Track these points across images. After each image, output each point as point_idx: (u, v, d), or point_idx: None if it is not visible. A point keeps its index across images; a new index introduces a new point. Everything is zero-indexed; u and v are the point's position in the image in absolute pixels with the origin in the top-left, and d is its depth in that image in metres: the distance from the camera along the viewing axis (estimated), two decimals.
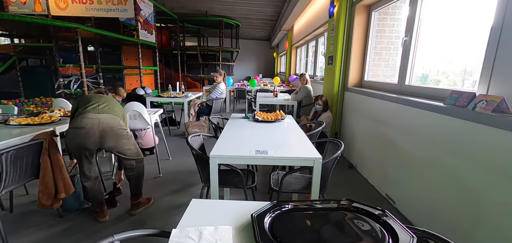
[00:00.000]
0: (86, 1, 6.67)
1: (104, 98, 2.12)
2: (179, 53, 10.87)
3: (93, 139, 1.96)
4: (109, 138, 2.02)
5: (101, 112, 2.01)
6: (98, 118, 1.97)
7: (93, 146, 1.99)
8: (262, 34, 15.15)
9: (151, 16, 7.77)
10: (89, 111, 1.97)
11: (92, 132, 1.93)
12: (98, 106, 2.03)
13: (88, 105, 2.00)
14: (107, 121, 2.00)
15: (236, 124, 2.57)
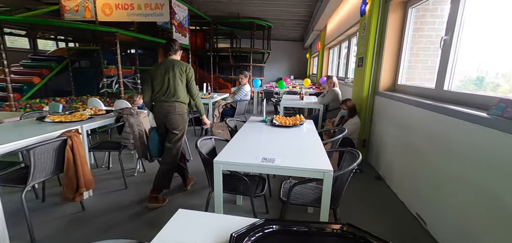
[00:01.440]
0: (128, 7, 7.18)
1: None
2: (211, 54, 11.19)
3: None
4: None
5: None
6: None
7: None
8: (294, 35, 14.89)
9: (185, 19, 8.09)
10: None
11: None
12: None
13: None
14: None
15: (253, 128, 2.51)
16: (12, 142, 1.83)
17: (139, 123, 2.72)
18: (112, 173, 3.17)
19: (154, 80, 2.43)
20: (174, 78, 2.41)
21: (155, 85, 2.43)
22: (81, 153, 2.12)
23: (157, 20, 7.37)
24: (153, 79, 2.44)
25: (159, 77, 2.42)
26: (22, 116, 2.75)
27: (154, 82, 2.43)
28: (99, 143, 2.96)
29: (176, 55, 2.55)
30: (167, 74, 2.40)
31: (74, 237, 1.98)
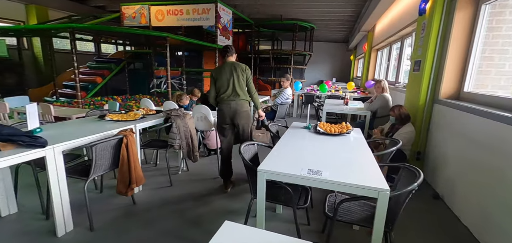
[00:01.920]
0: (178, 13, 7.65)
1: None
2: (252, 56, 11.33)
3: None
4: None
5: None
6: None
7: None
8: (338, 36, 14.28)
9: (229, 22, 8.32)
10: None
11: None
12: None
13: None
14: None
15: (296, 134, 2.42)
16: (79, 138, 2.04)
17: (185, 124, 2.84)
18: (159, 169, 3.37)
19: (217, 81, 2.69)
20: (238, 79, 2.65)
21: (220, 85, 2.68)
22: (134, 151, 2.27)
23: (203, 24, 7.70)
24: (217, 80, 2.70)
25: (224, 78, 2.66)
26: (87, 113, 3.08)
27: (218, 83, 2.68)
28: (149, 141, 3.17)
29: (233, 57, 2.79)
30: (231, 75, 2.65)
31: (125, 229, 2.13)
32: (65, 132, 2.26)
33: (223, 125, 2.78)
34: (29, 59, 9.08)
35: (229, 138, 2.85)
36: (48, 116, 4.25)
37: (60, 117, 4.42)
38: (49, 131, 2.24)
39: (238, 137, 2.83)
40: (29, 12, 8.53)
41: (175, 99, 4.20)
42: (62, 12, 9.19)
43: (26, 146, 1.75)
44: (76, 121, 2.72)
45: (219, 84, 2.69)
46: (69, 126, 2.47)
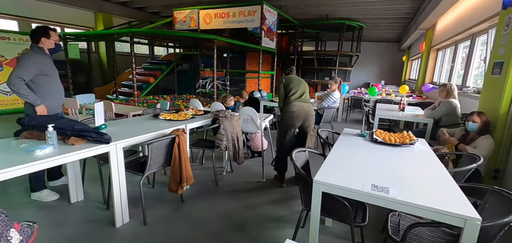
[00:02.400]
0: (225, 16, 7.88)
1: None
2: (295, 57, 11.12)
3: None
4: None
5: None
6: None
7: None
8: (389, 35, 13.24)
9: (274, 24, 8.28)
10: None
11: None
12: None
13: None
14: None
15: (349, 142, 2.23)
16: (137, 136, 2.16)
17: (232, 126, 2.84)
18: (205, 169, 3.45)
19: (290, 84, 2.88)
20: (305, 86, 2.94)
21: (292, 88, 2.86)
22: (185, 150, 2.33)
23: (248, 25, 7.79)
24: (289, 84, 2.89)
25: (296, 82, 2.91)
26: (143, 112, 3.29)
27: (291, 85, 2.87)
28: (196, 141, 3.25)
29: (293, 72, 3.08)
30: (301, 81, 2.94)
31: (174, 226, 2.20)
32: (125, 129, 2.42)
33: (292, 126, 2.90)
34: (96, 61, 10.26)
35: (292, 138, 2.99)
36: (109, 112, 4.70)
37: (119, 114, 4.87)
38: (111, 128, 2.42)
39: (301, 139, 3.01)
40: (97, 19, 9.62)
41: (221, 100, 4.28)
42: (123, 18, 10.19)
43: (94, 142, 1.90)
44: (134, 119, 2.92)
45: (292, 87, 2.86)
46: (128, 124, 2.65)
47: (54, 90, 2.51)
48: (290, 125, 2.90)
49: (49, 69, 2.43)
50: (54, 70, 2.51)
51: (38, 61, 2.35)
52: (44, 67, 2.38)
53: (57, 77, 2.55)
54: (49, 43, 2.45)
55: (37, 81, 2.38)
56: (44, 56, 2.42)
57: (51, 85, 2.47)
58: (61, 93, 2.60)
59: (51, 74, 2.46)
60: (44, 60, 2.39)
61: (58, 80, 2.57)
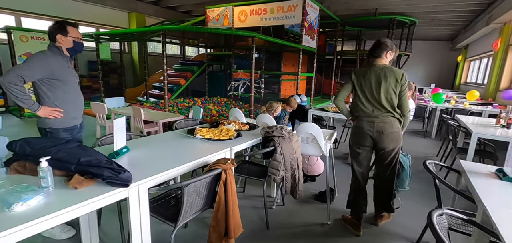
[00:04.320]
0: (261, 12, 7.19)
1: None
2: (334, 58, 10.11)
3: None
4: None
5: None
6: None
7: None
8: (443, 32, 11.67)
9: (315, 20, 7.42)
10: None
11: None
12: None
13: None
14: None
15: (483, 182, 1.37)
16: (168, 171, 1.50)
17: (291, 151, 2.09)
18: (248, 197, 2.74)
19: (358, 87, 2.10)
20: (388, 89, 2.01)
21: (361, 95, 2.08)
22: (233, 189, 1.63)
23: (287, 22, 7.03)
24: (356, 87, 2.11)
25: (368, 87, 2.06)
26: (174, 125, 2.67)
27: (359, 89, 2.10)
28: (239, 164, 2.54)
29: (386, 58, 2.08)
30: (379, 83, 2.01)
31: None
32: (152, 155, 1.78)
33: (358, 147, 2.19)
34: (128, 61, 10.15)
35: (366, 164, 2.22)
36: (138, 119, 4.22)
37: (148, 121, 4.38)
38: (135, 151, 1.80)
39: (380, 165, 2.19)
40: (131, 20, 9.48)
41: (266, 109, 3.56)
42: (156, 18, 9.97)
43: (107, 184, 1.26)
44: (164, 137, 2.29)
45: (360, 92, 2.09)
46: (156, 146, 2.02)
47: (70, 98, 1.99)
48: (357, 146, 2.20)
49: (64, 74, 1.92)
50: (72, 75, 2.01)
51: (49, 64, 1.84)
52: (57, 71, 1.87)
53: (75, 83, 2.05)
54: (66, 42, 1.93)
55: (51, 86, 1.88)
56: (59, 57, 1.92)
57: (67, 92, 1.95)
58: (80, 102, 2.10)
59: (66, 80, 1.94)
60: (58, 63, 1.89)
61: (76, 87, 2.06)
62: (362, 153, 2.17)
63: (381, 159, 2.16)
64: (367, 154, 2.19)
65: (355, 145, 2.21)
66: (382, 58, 2.06)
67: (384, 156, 2.13)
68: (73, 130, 2.03)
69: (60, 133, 1.95)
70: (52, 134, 1.94)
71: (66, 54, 1.96)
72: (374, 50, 2.07)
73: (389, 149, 2.10)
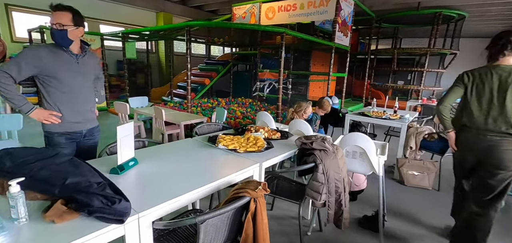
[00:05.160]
0: (290, 9, 6.74)
1: None
2: (368, 57, 9.34)
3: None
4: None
5: None
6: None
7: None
8: (495, 28, 10.28)
9: (349, 16, 6.81)
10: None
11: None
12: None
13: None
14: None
15: None
16: (180, 196, 1.14)
17: (337, 169, 1.65)
18: (276, 218, 2.33)
19: (470, 91, 1.74)
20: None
21: (472, 101, 1.72)
22: (265, 222, 1.24)
23: (319, 18, 6.52)
24: (470, 91, 1.74)
25: (487, 92, 1.67)
26: (195, 130, 2.34)
27: (471, 94, 1.73)
28: (268, 177, 2.14)
29: (509, 58, 1.65)
30: (504, 90, 1.62)
31: None
32: (164, 170, 1.45)
33: (463, 161, 1.87)
34: (154, 61, 10.22)
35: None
36: (159, 121, 4.00)
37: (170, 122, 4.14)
38: (145, 163, 1.48)
39: (481, 187, 1.76)
40: (158, 20, 9.51)
41: (294, 112, 3.12)
42: (183, 18, 9.93)
43: (97, 217, 0.92)
44: (181, 146, 1.96)
45: (475, 97, 1.72)
46: (171, 157, 1.69)
47: (69, 100, 1.68)
48: (461, 159, 1.88)
49: (59, 71, 1.61)
50: (76, 73, 1.68)
51: (40, 58, 1.56)
52: (50, 66, 1.58)
53: (79, 83, 1.71)
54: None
55: (46, 84, 1.63)
56: (57, 51, 1.62)
57: (64, 92, 1.66)
58: (83, 105, 1.76)
59: (62, 78, 1.63)
60: (53, 58, 1.59)
61: (81, 87, 1.73)
62: (463, 164, 1.86)
63: (483, 187, 1.73)
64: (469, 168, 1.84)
65: (459, 157, 1.88)
66: (506, 57, 1.64)
67: (490, 172, 1.69)
68: (74, 136, 1.75)
69: (55, 138, 1.68)
70: (48, 138, 1.69)
71: (67, 47, 1.64)
72: (505, 46, 1.61)
73: (500, 167, 1.65)
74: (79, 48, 1.70)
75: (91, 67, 1.78)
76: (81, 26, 1.65)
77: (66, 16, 1.57)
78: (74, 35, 1.62)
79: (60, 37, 1.57)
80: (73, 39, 1.63)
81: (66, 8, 1.59)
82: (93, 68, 1.82)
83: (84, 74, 1.74)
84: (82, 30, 1.67)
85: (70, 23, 1.58)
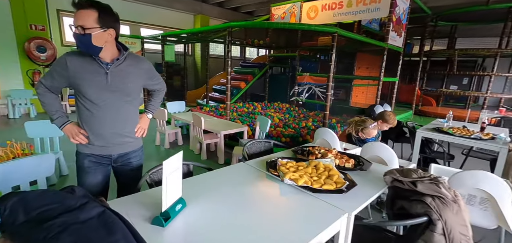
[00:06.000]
0: (336, 7, 6.17)
1: None
2: (420, 59, 8.33)
3: None
4: None
5: None
6: None
7: None
8: None
9: (404, 13, 6.03)
10: None
11: None
12: None
13: None
14: None
15: None
16: None
17: (463, 229, 1.13)
18: None
19: None
20: None
21: None
22: None
23: (370, 17, 5.86)
24: None
25: None
26: (244, 150, 1.95)
27: None
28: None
29: None
30: None
31: None
32: (219, 218, 1.08)
33: None
34: (191, 64, 10.23)
35: None
36: (198, 129, 3.72)
37: (208, 130, 3.85)
38: (194, 205, 1.14)
39: None
40: (196, 22, 9.49)
41: (353, 128, 2.58)
42: (219, 20, 9.82)
43: None
44: (233, 174, 1.58)
45: None
46: (225, 195, 1.31)
47: (90, 119, 1.34)
48: None
49: (85, 82, 1.28)
50: (97, 86, 1.30)
51: (66, 65, 1.27)
52: (77, 76, 1.28)
53: (101, 99, 1.32)
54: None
55: (76, 96, 1.37)
56: (83, 58, 1.29)
57: (89, 108, 1.33)
58: (107, 127, 1.37)
59: (86, 90, 1.29)
60: (80, 66, 1.28)
61: (103, 105, 1.34)
62: None
63: None
64: None
65: None
66: None
67: None
68: (102, 161, 1.44)
69: (80, 158, 1.42)
70: (76, 158, 1.44)
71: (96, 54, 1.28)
72: None
73: None
74: (113, 54, 1.34)
75: (132, 77, 1.40)
76: (111, 28, 1.26)
77: (90, 16, 1.20)
78: (100, 39, 1.23)
79: (84, 43, 1.22)
80: (100, 46, 1.24)
81: (91, 4, 1.21)
82: (137, 77, 1.43)
83: (116, 88, 1.34)
84: (113, 33, 1.28)
85: (95, 24, 1.20)
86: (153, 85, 1.58)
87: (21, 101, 5.94)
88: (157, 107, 1.66)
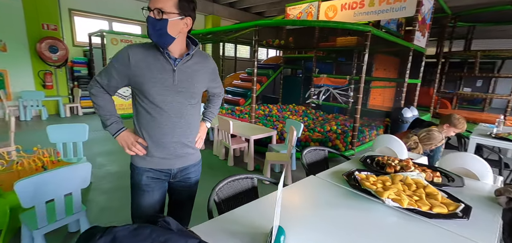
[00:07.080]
0: (356, 6, 5.96)
1: None
2: (439, 61, 8.11)
3: None
4: None
5: None
6: None
7: None
8: None
9: (429, 12, 5.83)
10: None
11: None
12: None
13: None
14: None
15: None
16: None
17: None
18: None
19: None
20: None
21: None
22: None
23: (394, 16, 5.64)
24: None
25: None
26: (303, 157, 1.74)
27: None
28: None
29: None
30: None
31: None
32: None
33: None
34: None
35: None
36: (225, 133, 3.51)
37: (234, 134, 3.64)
38: (293, 234, 0.92)
39: None
40: (207, 23, 9.31)
41: (420, 149, 2.19)
42: (230, 21, 9.63)
43: None
44: (307, 189, 1.37)
45: None
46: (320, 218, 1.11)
47: (153, 125, 1.14)
48: None
49: (146, 79, 1.08)
50: (163, 85, 1.10)
51: (127, 60, 1.07)
52: (138, 73, 1.08)
53: (167, 101, 1.12)
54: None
55: (135, 100, 1.17)
56: (147, 52, 1.10)
57: (150, 115, 1.13)
58: (171, 134, 1.16)
59: (148, 90, 1.09)
60: (142, 59, 1.08)
61: (170, 107, 1.13)
62: None
63: None
64: None
65: None
66: None
67: None
68: (161, 176, 1.22)
69: (136, 172, 1.21)
70: (131, 171, 1.24)
71: (165, 48, 1.10)
72: None
73: None
74: (182, 49, 1.15)
75: (198, 76, 1.19)
76: (188, 16, 1.08)
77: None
78: (176, 28, 1.06)
79: (157, 31, 1.03)
80: (174, 36, 1.07)
81: None
82: (203, 77, 1.23)
83: (183, 88, 1.14)
84: (189, 23, 1.10)
85: (175, 9, 1.03)
86: (214, 88, 1.38)
87: (32, 102, 5.75)
88: (215, 114, 1.46)
